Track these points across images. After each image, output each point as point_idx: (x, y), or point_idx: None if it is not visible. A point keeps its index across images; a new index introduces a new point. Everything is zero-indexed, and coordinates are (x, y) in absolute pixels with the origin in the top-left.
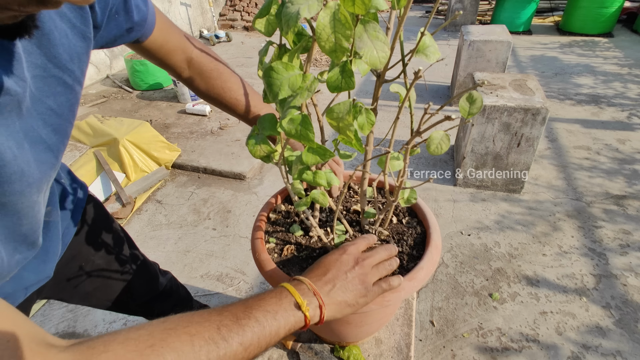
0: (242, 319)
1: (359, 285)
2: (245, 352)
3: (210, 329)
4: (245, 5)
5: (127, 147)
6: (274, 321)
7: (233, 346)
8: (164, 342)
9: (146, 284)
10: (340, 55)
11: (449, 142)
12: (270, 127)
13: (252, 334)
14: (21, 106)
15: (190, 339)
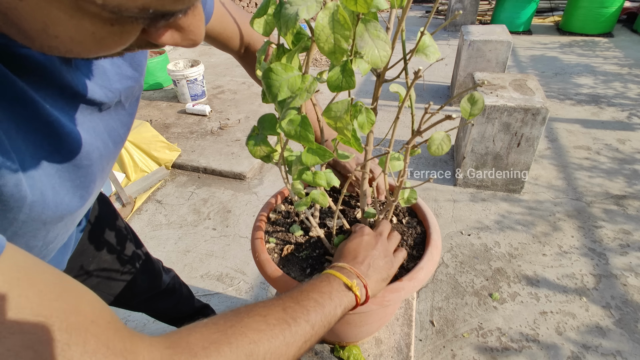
0: (303, 301)
1: (385, 259)
2: (312, 331)
3: (277, 311)
4: (245, 5)
5: (127, 147)
6: (331, 301)
7: (301, 324)
8: (241, 322)
9: (149, 281)
10: (340, 56)
11: (450, 143)
12: (270, 128)
13: (315, 313)
14: (102, 109)
15: (264, 319)
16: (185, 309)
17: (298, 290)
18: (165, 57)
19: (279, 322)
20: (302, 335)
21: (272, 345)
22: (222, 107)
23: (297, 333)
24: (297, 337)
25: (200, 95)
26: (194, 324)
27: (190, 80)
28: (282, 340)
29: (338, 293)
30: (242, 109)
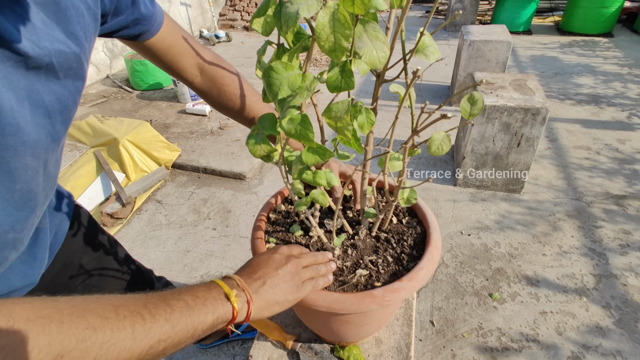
0: (171, 300)
1: (290, 282)
2: (172, 332)
3: (135, 303)
4: (245, 5)
5: (127, 147)
6: (203, 307)
7: (159, 322)
8: (86, 305)
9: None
10: (340, 54)
11: (450, 143)
12: (270, 127)
13: (181, 315)
14: (28, 67)
15: (115, 308)
16: None
17: (172, 290)
18: None
19: (132, 314)
20: (156, 334)
21: (115, 336)
22: None
23: (150, 330)
24: (150, 335)
25: None
26: (34, 297)
27: None
28: (129, 334)
29: (214, 300)
30: None
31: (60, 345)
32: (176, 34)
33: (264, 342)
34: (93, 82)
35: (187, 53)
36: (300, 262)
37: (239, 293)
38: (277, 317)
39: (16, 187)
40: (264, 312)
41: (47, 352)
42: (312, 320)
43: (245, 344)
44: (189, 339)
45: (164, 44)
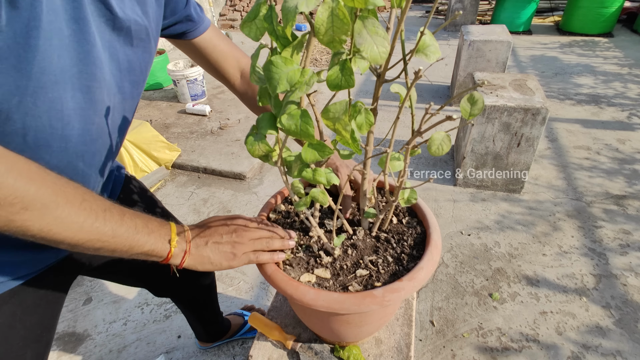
0: (125, 217)
1: (228, 251)
2: (111, 239)
3: (99, 206)
4: (245, 5)
5: (127, 147)
6: (146, 235)
7: (106, 227)
8: (63, 187)
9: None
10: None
11: (450, 143)
12: (268, 126)
13: (125, 231)
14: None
15: (81, 201)
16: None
17: (133, 211)
18: (165, 57)
19: (90, 210)
20: (99, 234)
21: (68, 218)
22: (222, 107)
23: (96, 228)
24: (94, 231)
25: (200, 95)
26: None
27: (190, 80)
28: (80, 222)
29: (158, 237)
30: (242, 109)
31: (31, 198)
32: (221, 38)
33: (264, 342)
34: None
35: (231, 55)
36: (247, 235)
37: (180, 241)
38: (277, 317)
39: (95, 119)
40: (197, 266)
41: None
42: (312, 320)
43: (245, 344)
44: (123, 253)
45: (210, 43)
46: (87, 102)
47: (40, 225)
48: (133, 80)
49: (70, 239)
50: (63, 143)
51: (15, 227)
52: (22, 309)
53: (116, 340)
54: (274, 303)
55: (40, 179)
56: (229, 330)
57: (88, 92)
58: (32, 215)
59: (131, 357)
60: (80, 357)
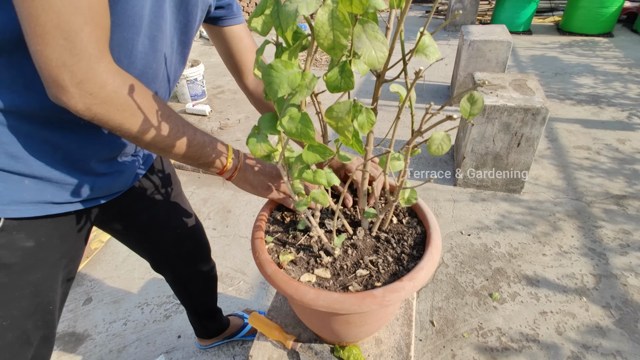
0: (198, 133)
1: (266, 182)
2: (187, 148)
3: (180, 121)
4: (245, 5)
5: None
6: (212, 150)
7: (184, 138)
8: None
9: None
10: (339, 52)
11: (450, 143)
12: (269, 127)
13: (197, 143)
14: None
15: (169, 115)
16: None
17: (203, 131)
18: None
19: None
20: (180, 141)
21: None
22: (222, 107)
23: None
24: (176, 137)
25: (200, 95)
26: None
27: (190, 80)
28: (166, 128)
29: (219, 153)
30: (242, 109)
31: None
32: (249, 35)
33: (264, 342)
34: None
35: (254, 52)
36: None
37: (234, 160)
38: (277, 317)
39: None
40: (240, 183)
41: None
42: (312, 320)
43: (246, 344)
44: (193, 161)
45: (239, 34)
46: (151, 48)
47: (142, 128)
48: (182, 41)
49: (159, 142)
50: None
51: (125, 129)
52: (58, 234)
53: (116, 340)
54: (274, 303)
55: (145, 94)
56: (227, 328)
57: (153, 40)
58: (137, 120)
59: (131, 357)
60: (80, 357)
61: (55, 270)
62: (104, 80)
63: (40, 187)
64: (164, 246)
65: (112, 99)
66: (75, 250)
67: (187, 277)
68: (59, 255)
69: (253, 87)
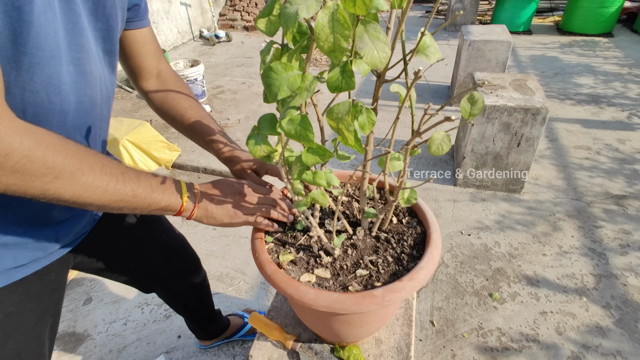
0: (142, 179)
1: (231, 208)
2: (132, 199)
3: (117, 170)
4: (245, 5)
5: (127, 147)
6: (162, 193)
7: (127, 188)
8: (85, 156)
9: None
10: (339, 55)
11: (450, 143)
12: (269, 128)
13: (143, 190)
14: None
15: (102, 167)
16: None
17: (147, 172)
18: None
19: (111, 175)
20: (121, 195)
21: (94, 183)
22: (222, 107)
23: (118, 190)
24: (117, 193)
25: (200, 95)
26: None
27: (190, 80)
28: (104, 186)
29: (172, 193)
30: (242, 109)
31: (60, 168)
32: (154, 38)
33: (264, 342)
34: None
35: (156, 56)
36: (252, 199)
37: (191, 196)
38: (277, 317)
39: (87, 91)
40: (203, 219)
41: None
42: (312, 320)
43: (245, 344)
44: (143, 209)
45: (144, 38)
46: (79, 74)
47: (72, 191)
48: (107, 49)
49: (98, 201)
50: (62, 117)
51: (50, 195)
52: (29, 298)
53: (116, 340)
54: (274, 303)
55: (65, 149)
56: (227, 328)
57: (79, 64)
58: (63, 183)
59: (131, 357)
60: (80, 357)
61: (36, 332)
62: (9, 145)
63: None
64: (152, 268)
65: (24, 166)
66: (54, 304)
67: (180, 292)
68: (36, 319)
69: (153, 91)
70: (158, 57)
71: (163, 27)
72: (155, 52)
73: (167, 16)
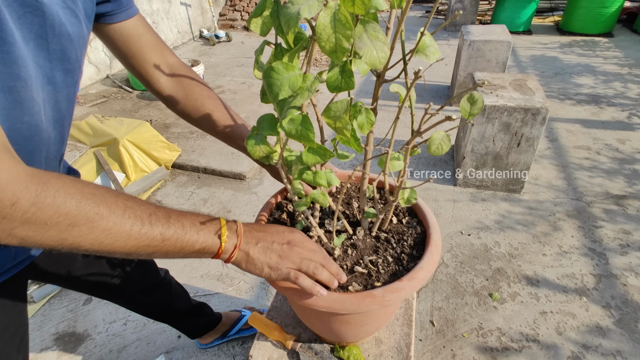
0: (172, 219)
1: (275, 259)
2: (161, 243)
3: (143, 211)
4: (245, 5)
5: (127, 147)
6: (196, 235)
7: (155, 232)
8: (104, 197)
9: (144, 272)
10: (341, 55)
11: (450, 143)
12: (269, 128)
13: (174, 233)
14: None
15: (124, 209)
16: (182, 306)
17: (179, 212)
18: None
19: (135, 218)
20: (148, 239)
21: (115, 228)
22: None
23: (144, 234)
24: (143, 238)
25: None
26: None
27: None
28: (127, 231)
29: (207, 233)
30: (242, 109)
31: (74, 214)
32: (149, 28)
33: (264, 342)
34: (93, 82)
35: (158, 48)
36: (299, 252)
37: (231, 235)
38: (277, 317)
39: (24, 118)
40: (242, 264)
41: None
42: (312, 320)
43: (245, 344)
44: (175, 254)
45: (136, 30)
46: (12, 102)
47: (91, 240)
48: (67, 69)
49: (122, 248)
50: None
51: (68, 245)
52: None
53: (116, 340)
54: (274, 303)
55: (79, 192)
56: (219, 321)
57: (11, 92)
58: (80, 231)
59: (131, 357)
60: (80, 357)
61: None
62: (13, 193)
63: None
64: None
65: (34, 215)
66: (19, 315)
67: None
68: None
69: (170, 89)
70: (161, 48)
71: (163, 27)
72: (155, 43)
73: (167, 16)
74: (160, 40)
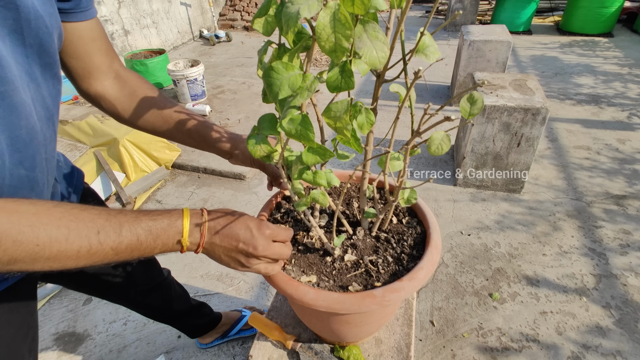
0: (124, 230)
1: (241, 259)
2: (115, 256)
3: (90, 229)
4: (245, 5)
5: (127, 147)
6: (152, 242)
7: (105, 249)
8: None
9: (146, 271)
10: (340, 55)
11: (450, 143)
12: (269, 128)
13: (127, 246)
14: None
15: (67, 233)
16: (181, 307)
17: (134, 217)
18: (165, 57)
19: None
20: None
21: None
22: (222, 107)
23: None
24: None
25: (200, 95)
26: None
27: (190, 80)
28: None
29: (166, 240)
30: (242, 108)
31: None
32: (104, 34)
33: (264, 342)
34: None
35: (109, 55)
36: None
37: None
38: (277, 317)
39: (21, 123)
40: (210, 257)
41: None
42: (312, 320)
43: (245, 344)
44: (138, 257)
45: (91, 33)
46: (7, 108)
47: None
48: (45, 63)
49: (76, 266)
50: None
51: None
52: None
53: (116, 340)
54: (274, 303)
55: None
56: (219, 321)
57: (4, 98)
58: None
59: (131, 357)
60: (80, 357)
61: (15, 345)
62: None
63: None
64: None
65: None
66: (31, 315)
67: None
68: (14, 330)
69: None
70: (111, 56)
71: (163, 27)
72: (107, 49)
73: (167, 16)
74: (112, 48)
